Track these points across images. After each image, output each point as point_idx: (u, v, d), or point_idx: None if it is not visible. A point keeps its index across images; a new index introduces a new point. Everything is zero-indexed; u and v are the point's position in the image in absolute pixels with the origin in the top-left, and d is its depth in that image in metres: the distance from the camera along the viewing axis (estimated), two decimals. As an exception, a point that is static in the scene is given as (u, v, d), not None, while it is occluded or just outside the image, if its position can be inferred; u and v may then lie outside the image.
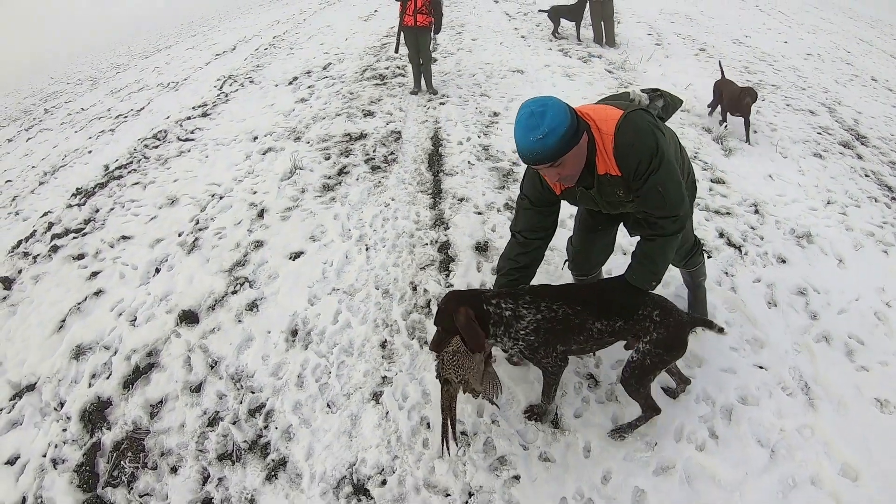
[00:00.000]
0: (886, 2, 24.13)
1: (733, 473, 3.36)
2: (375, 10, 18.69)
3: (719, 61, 9.44)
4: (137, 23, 26.52)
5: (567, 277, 4.70)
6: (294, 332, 4.49)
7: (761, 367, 4.08)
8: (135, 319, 4.81)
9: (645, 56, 11.98)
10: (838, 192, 6.58)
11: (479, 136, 7.85)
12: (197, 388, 4.09)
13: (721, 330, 3.33)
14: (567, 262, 4.09)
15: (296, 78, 11.30)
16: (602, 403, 3.81)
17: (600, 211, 3.38)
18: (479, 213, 5.94)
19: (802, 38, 15.55)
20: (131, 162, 7.98)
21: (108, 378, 4.27)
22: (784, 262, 5.25)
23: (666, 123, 3.35)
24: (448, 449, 3.32)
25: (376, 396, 3.90)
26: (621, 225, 3.74)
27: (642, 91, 3.33)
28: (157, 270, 5.44)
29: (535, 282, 3.49)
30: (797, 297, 4.78)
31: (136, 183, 7.23)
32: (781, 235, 5.62)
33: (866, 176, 7.14)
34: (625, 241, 4.93)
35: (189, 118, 9.55)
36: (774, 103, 9.61)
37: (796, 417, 3.72)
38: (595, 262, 4.01)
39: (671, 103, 3.43)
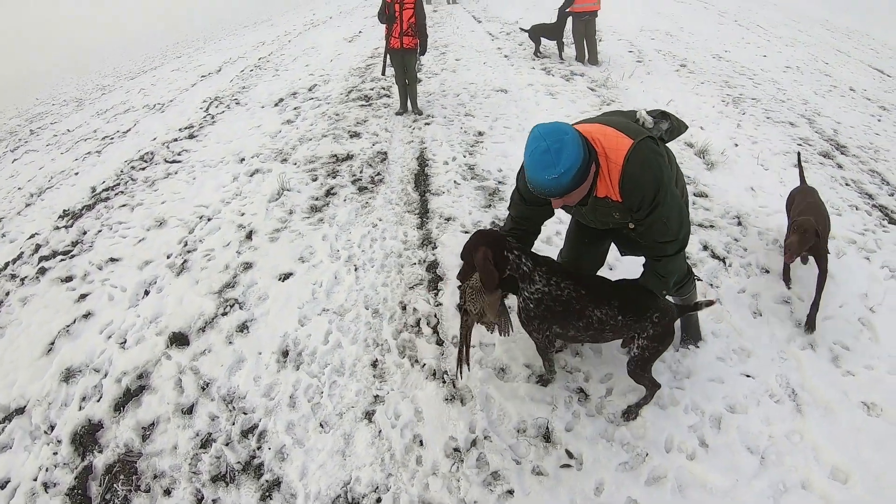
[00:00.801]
0: (861, 13, 24.48)
1: (724, 481, 3.44)
2: (360, 32, 18.78)
3: (798, 154, 6.54)
4: (126, 44, 26.50)
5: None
6: (285, 353, 4.50)
7: (748, 376, 4.17)
8: (124, 342, 4.81)
9: (627, 73, 12.12)
10: None
11: (464, 156, 7.92)
12: (189, 410, 4.09)
13: (710, 303, 3.59)
14: None
15: (282, 99, 11.34)
16: (592, 416, 3.88)
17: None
18: (466, 232, 5.99)
19: (781, 51, 15.77)
20: (118, 184, 7.98)
21: (98, 401, 4.27)
22: (767, 272, 5.34)
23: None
24: (461, 373, 3.73)
25: (369, 415, 3.92)
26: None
27: (648, 113, 3.41)
28: (147, 292, 5.44)
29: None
30: (781, 306, 4.88)
31: (124, 205, 7.23)
32: (764, 246, 5.71)
33: (847, 185, 7.27)
34: (611, 254, 5.00)
35: (176, 140, 9.55)
36: (755, 116, 9.76)
37: (784, 423, 3.81)
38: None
39: (676, 127, 3.51)
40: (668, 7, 23.17)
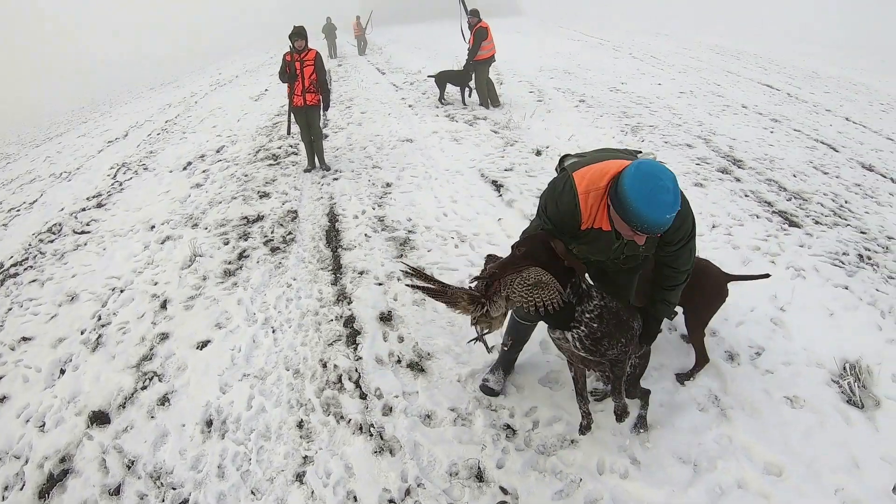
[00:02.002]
0: (750, 36, 25.77)
1: (660, 493, 3.58)
2: (266, 90, 18.87)
3: None
4: (29, 111, 25.92)
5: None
6: (209, 423, 4.46)
7: (671, 390, 4.36)
8: (43, 424, 4.69)
9: (528, 113, 12.51)
10: (721, 216, 7.12)
11: (373, 208, 8.05)
12: (116, 491, 4.01)
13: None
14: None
15: (190, 163, 11.30)
16: (521, 451, 3.97)
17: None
18: (380, 284, 6.10)
19: (674, 78, 16.54)
20: (27, 258, 7.80)
21: (21, 489, 4.15)
22: None
23: None
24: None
25: (300, 477, 3.92)
26: None
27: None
28: (63, 371, 5.33)
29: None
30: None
31: (34, 280, 7.08)
32: None
33: (746, 196, 7.75)
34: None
35: (84, 209, 9.37)
36: (654, 142, 10.28)
37: (712, 430, 4.00)
38: None
39: None
40: (565, 46, 24.04)
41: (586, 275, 3.28)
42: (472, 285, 3.36)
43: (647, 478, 3.69)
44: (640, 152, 3.55)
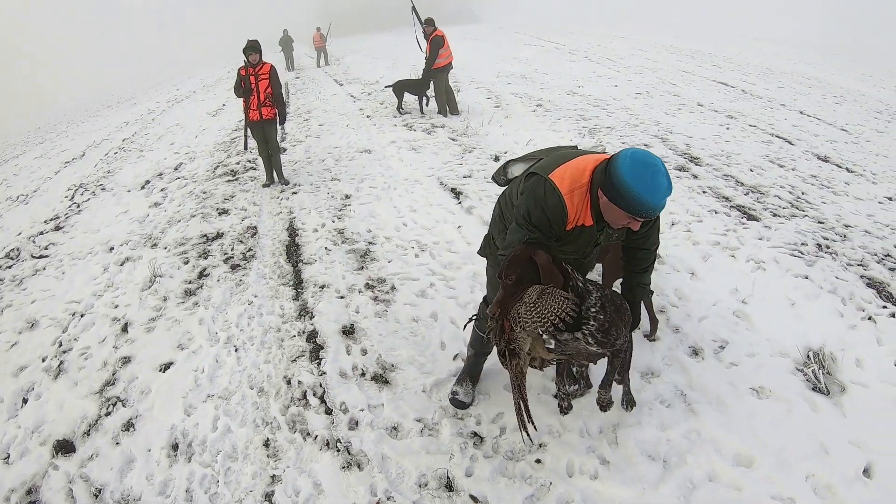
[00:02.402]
0: (704, 35, 26.17)
1: (631, 492, 3.62)
2: (223, 105, 18.84)
3: None
4: None
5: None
6: (175, 446, 4.40)
7: (636, 388, 4.38)
8: (8, 456, 4.60)
9: (486, 119, 12.56)
10: (680, 213, 7.22)
11: (333, 221, 8.04)
12: None
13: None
14: (475, 320, 4.18)
15: (148, 181, 11.18)
16: (490, 457, 3.99)
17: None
18: (342, 297, 6.09)
19: (630, 79, 16.73)
20: (-16, 286, 7.70)
21: None
22: None
23: None
24: (528, 432, 3.32)
25: (268, 497, 3.89)
26: None
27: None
28: (25, 400, 5.24)
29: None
30: (658, 315, 5.15)
31: (-9, 309, 6.97)
32: None
33: (704, 192, 7.88)
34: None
35: (42, 233, 9.22)
36: (611, 143, 10.39)
37: (680, 425, 4.04)
38: None
39: None
40: (522, 52, 24.18)
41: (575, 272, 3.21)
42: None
43: (618, 477, 3.73)
44: (577, 146, 3.68)
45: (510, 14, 52.39)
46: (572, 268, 3.18)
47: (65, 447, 4.59)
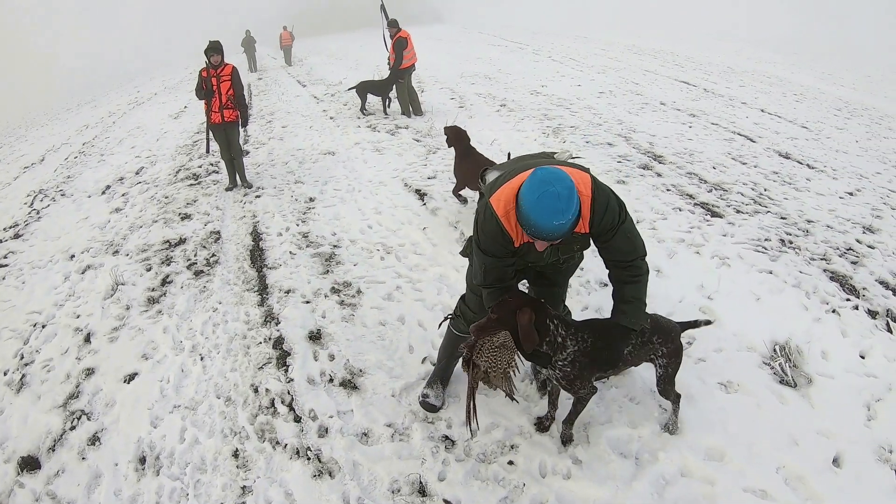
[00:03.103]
0: (666, 35, 26.48)
1: (605, 490, 3.65)
2: (185, 107, 18.68)
3: None
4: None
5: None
6: (142, 460, 4.31)
7: (604, 387, 4.42)
8: None
9: (450, 119, 12.48)
10: (645, 211, 7.31)
11: (297, 224, 7.99)
12: None
13: (708, 322, 3.89)
14: (451, 318, 4.21)
15: (109, 186, 10.99)
16: (462, 461, 3.99)
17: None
18: (308, 302, 6.05)
19: (594, 79, 16.89)
20: (-58, 299, 7.50)
21: None
22: (606, 285, 5.73)
23: None
24: (472, 430, 3.73)
25: None
26: None
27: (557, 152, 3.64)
28: None
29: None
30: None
31: (-49, 322, 6.78)
32: (599, 263, 6.07)
33: (668, 190, 7.99)
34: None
35: (0, 241, 9.00)
36: (575, 143, 10.48)
37: (650, 423, 4.08)
38: None
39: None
40: (485, 52, 24.29)
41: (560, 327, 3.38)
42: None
43: (591, 476, 3.76)
44: (556, 153, 3.62)
45: (473, 14, 52.39)
46: (559, 322, 3.38)
47: (30, 463, 4.47)
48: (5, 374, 5.63)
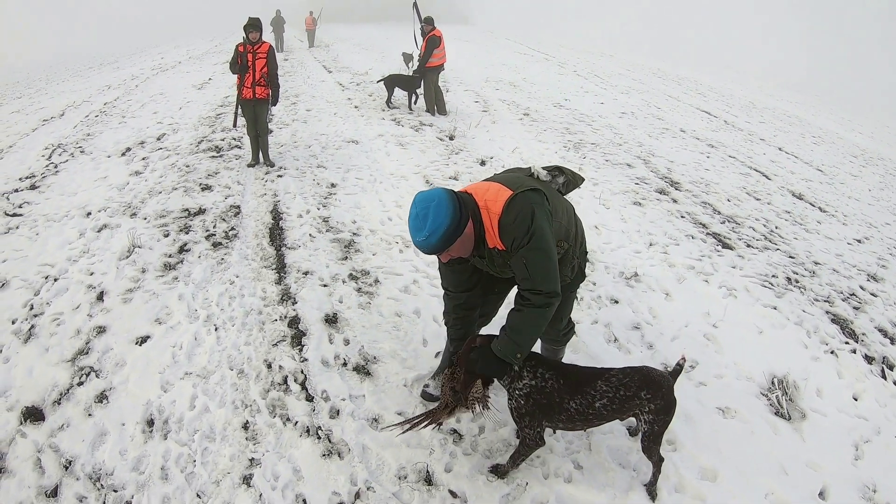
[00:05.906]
0: (692, 63, 26.49)
1: (602, 497, 3.73)
2: (210, 79, 18.57)
3: None
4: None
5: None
6: (150, 422, 4.31)
7: None
8: None
9: (473, 123, 12.59)
10: (658, 234, 7.37)
11: (318, 208, 8.02)
12: (53, 493, 3.83)
13: (683, 360, 3.70)
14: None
15: (129, 149, 10.95)
16: (469, 455, 4.03)
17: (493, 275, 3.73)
18: (325, 286, 6.08)
19: (617, 98, 16.91)
20: (-46, 241, 7.43)
21: None
22: (617, 302, 5.85)
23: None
24: (402, 428, 3.69)
25: (247, 480, 3.85)
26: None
27: (543, 168, 3.66)
28: None
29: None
30: (633, 332, 5.38)
31: (-39, 264, 6.72)
32: (612, 279, 6.22)
33: (682, 217, 8.05)
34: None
35: (16, 190, 8.91)
36: (595, 160, 10.53)
37: None
38: (474, 322, 4.17)
39: (572, 180, 3.81)
40: (511, 58, 24.33)
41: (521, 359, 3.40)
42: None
43: (591, 482, 3.83)
44: (531, 167, 3.67)
45: (501, 19, 52.44)
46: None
47: (34, 415, 4.44)
48: (13, 322, 5.57)
